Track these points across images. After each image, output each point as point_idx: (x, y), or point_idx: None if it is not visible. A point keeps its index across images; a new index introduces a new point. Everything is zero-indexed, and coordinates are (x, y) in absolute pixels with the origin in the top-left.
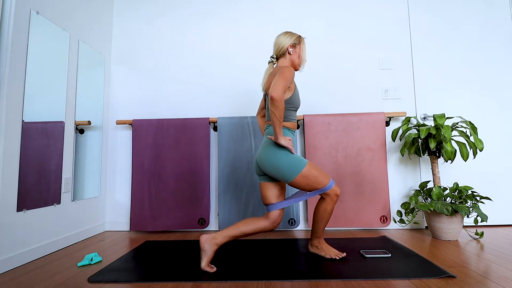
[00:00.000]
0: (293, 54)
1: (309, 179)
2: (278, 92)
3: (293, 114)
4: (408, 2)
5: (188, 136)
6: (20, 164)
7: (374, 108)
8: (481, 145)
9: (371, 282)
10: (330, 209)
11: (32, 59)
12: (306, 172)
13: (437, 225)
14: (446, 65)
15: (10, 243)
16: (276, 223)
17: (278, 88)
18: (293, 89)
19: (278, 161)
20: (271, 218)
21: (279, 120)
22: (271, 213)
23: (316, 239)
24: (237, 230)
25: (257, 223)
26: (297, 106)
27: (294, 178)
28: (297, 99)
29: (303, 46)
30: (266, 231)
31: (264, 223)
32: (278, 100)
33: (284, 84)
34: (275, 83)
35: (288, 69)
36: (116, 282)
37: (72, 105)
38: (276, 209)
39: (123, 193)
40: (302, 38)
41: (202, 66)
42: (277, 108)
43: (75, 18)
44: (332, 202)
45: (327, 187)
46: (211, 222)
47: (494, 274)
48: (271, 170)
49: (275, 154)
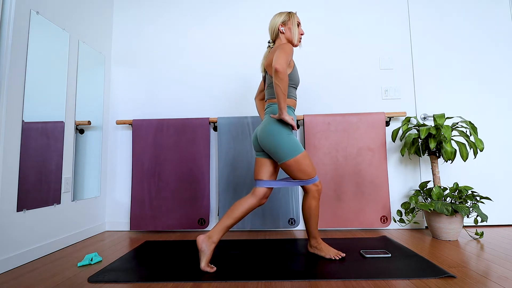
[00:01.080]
0: (286, 31)
1: (300, 166)
2: (282, 64)
3: (293, 92)
4: (408, 2)
5: (188, 136)
6: (20, 164)
7: (374, 108)
8: (482, 145)
9: (371, 282)
10: (314, 205)
11: (32, 59)
12: (300, 158)
13: (437, 225)
14: (446, 65)
15: (10, 243)
16: (262, 200)
17: (281, 61)
18: (292, 65)
19: (279, 139)
20: (258, 194)
21: (283, 93)
22: (258, 189)
23: (313, 240)
24: (229, 219)
25: (243, 202)
26: (297, 83)
27: (288, 159)
28: (296, 75)
29: (293, 20)
30: (254, 208)
31: (251, 200)
32: (282, 72)
33: (286, 57)
34: (277, 56)
35: (287, 45)
36: (116, 282)
37: (72, 105)
38: (264, 186)
39: (123, 193)
40: (293, 13)
41: (202, 66)
42: (281, 80)
43: (75, 18)
44: (314, 199)
45: (312, 180)
46: (211, 222)
47: (494, 274)
48: (269, 146)
49: (276, 131)
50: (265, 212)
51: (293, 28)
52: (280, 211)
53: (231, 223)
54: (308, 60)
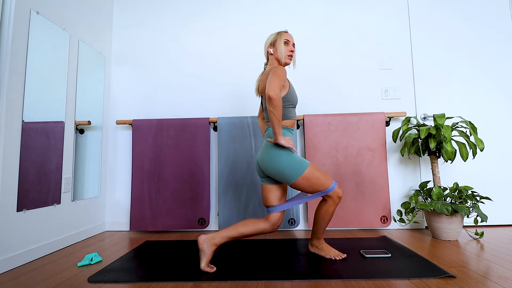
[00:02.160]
0: (274, 52)
1: (311, 181)
2: (275, 90)
3: (292, 112)
4: (408, 3)
5: (188, 136)
6: (20, 164)
7: (374, 108)
8: (482, 145)
9: (371, 282)
10: (332, 210)
11: (32, 59)
12: (308, 174)
13: (437, 225)
14: (446, 65)
15: (10, 243)
16: (276, 226)
17: (274, 87)
18: (287, 86)
19: (280, 163)
20: (271, 221)
21: (278, 119)
22: (271, 215)
23: (316, 240)
24: (236, 231)
25: (256, 224)
26: (295, 102)
27: (296, 180)
28: (293, 95)
29: (280, 40)
30: (265, 233)
31: (264, 225)
32: (275, 98)
33: (278, 83)
34: (270, 82)
35: (279, 68)
36: (116, 282)
37: (72, 105)
38: (277, 211)
39: (123, 193)
40: (282, 32)
41: (202, 65)
42: (275, 107)
43: (75, 18)
44: (334, 204)
45: (329, 189)
46: (211, 222)
47: (494, 274)
48: (273, 172)
49: (276, 156)
50: (265, 212)
51: (279, 47)
52: None
53: (235, 236)
54: (308, 60)
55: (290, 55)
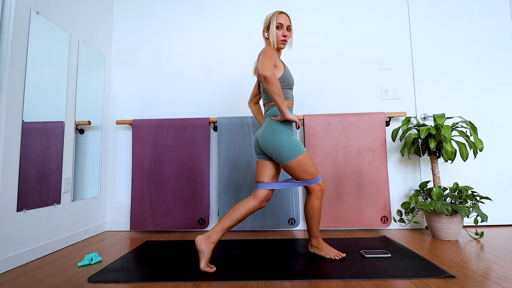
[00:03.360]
0: (269, 35)
1: (303, 166)
2: (268, 69)
3: (289, 93)
4: (408, 2)
5: (188, 136)
6: (20, 164)
7: (374, 108)
8: (481, 145)
9: (371, 282)
10: (317, 205)
11: (32, 59)
12: (302, 158)
13: (437, 225)
14: (446, 65)
15: (10, 243)
16: (263, 203)
17: (265, 66)
18: (282, 67)
19: (281, 140)
20: (259, 197)
21: (280, 96)
22: (259, 191)
23: (314, 239)
24: (229, 220)
25: (244, 204)
26: (291, 83)
27: (290, 160)
28: (289, 76)
29: (272, 23)
30: (254, 210)
31: (252, 203)
32: (270, 76)
33: (269, 61)
34: (260, 63)
35: (266, 48)
36: (116, 282)
37: (72, 105)
38: (265, 188)
39: (123, 193)
40: (276, 14)
41: (202, 65)
42: (273, 84)
43: (75, 18)
44: (318, 199)
45: (315, 180)
46: (211, 222)
47: (494, 274)
48: (271, 149)
49: (277, 133)
50: (265, 212)
51: (272, 32)
52: (280, 211)
53: (230, 224)
54: (308, 60)
55: (283, 40)
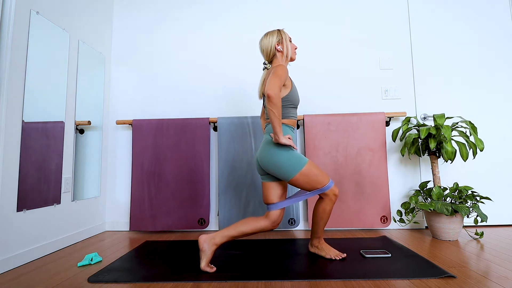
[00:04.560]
0: (283, 49)
1: (309, 178)
2: (274, 90)
3: (293, 112)
4: (408, 2)
5: (188, 136)
6: (20, 164)
7: (374, 108)
8: (482, 145)
9: (371, 282)
10: (329, 209)
11: (32, 59)
12: (306, 170)
13: (437, 225)
14: (446, 65)
15: (10, 243)
16: (276, 223)
17: (272, 86)
18: (290, 86)
19: (279, 158)
20: (272, 218)
21: (278, 118)
22: (271, 213)
23: (316, 239)
24: (236, 230)
25: (256, 222)
26: (296, 103)
27: (294, 176)
28: (295, 95)
29: (286, 37)
30: (265, 231)
31: (264, 223)
32: (274, 97)
33: (278, 82)
34: (269, 82)
35: (280, 67)
36: (116, 282)
37: (72, 105)
38: (277, 208)
39: (123, 193)
40: (281, 30)
41: (202, 66)
42: (274, 105)
43: (75, 18)
44: (331, 202)
45: (326, 186)
46: (211, 222)
47: (494, 274)
48: (272, 168)
49: (275, 151)
50: (265, 212)
51: (287, 44)
52: None
53: (235, 235)
54: (308, 60)
55: (295, 51)
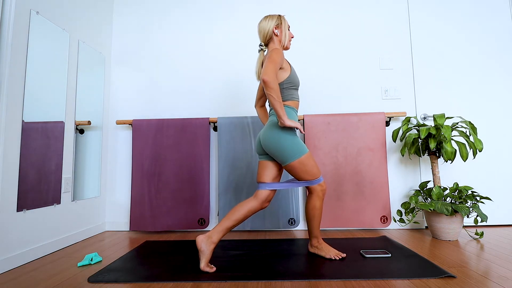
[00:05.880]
0: (280, 34)
1: (305, 167)
2: (269, 74)
3: (295, 93)
4: (408, 2)
5: (188, 136)
6: (20, 164)
7: (374, 108)
8: (481, 146)
9: (371, 282)
10: (318, 205)
11: (32, 59)
12: (304, 159)
13: (437, 225)
14: (446, 65)
15: (10, 243)
16: (264, 203)
17: (268, 71)
18: (288, 68)
19: (283, 141)
20: (260, 197)
21: (278, 101)
22: (260, 192)
23: (314, 239)
24: (230, 220)
25: (245, 205)
26: (297, 84)
27: (292, 161)
28: (295, 77)
29: (285, 24)
30: (255, 211)
31: (253, 203)
32: (270, 81)
33: (273, 67)
34: (265, 67)
35: (275, 51)
36: (116, 282)
37: (72, 105)
38: (267, 188)
39: (123, 193)
40: (282, 16)
41: (202, 65)
42: (271, 89)
43: (75, 18)
44: (319, 199)
45: (316, 180)
46: (211, 222)
47: (494, 274)
48: (273, 149)
49: (280, 134)
50: (265, 212)
51: (285, 31)
52: (280, 211)
53: (231, 225)
54: (308, 60)
55: (290, 40)
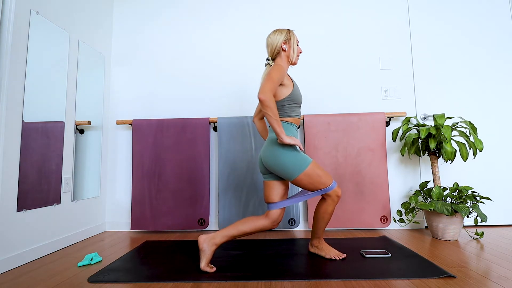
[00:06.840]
0: (288, 50)
1: (312, 178)
2: (265, 93)
3: (297, 111)
4: (408, 2)
5: (188, 136)
6: (20, 164)
7: (374, 108)
8: (481, 146)
9: (371, 282)
10: (331, 210)
11: (32, 59)
12: (310, 170)
13: (437, 225)
14: (446, 65)
15: (10, 243)
16: (276, 222)
17: (265, 89)
18: (291, 85)
19: (283, 158)
20: (272, 217)
21: (275, 119)
22: (272, 212)
23: (316, 239)
24: (236, 230)
25: (256, 222)
26: (299, 101)
27: (297, 175)
28: (297, 94)
29: (293, 39)
30: (265, 230)
31: (264, 222)
32: (266, 100)
33: (270, 85)
34: (262, 85)
35: (276, 68)
36: (116, 282)
37: (72, 105)
38: (278, 208)
39: (123, 193)
40: (291, 31)
41: (202, 65)
42: (267, 107)
43: (75, 18)
44: (333, 203)
45: (329, 187)
46: (211, 222)
47: (494, 274)
48: (275, 167)
49: (279, 151)
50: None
51: (293, 46)
52: None
53: (235, 234)
54: (308, 60)
55: (298, 55)
